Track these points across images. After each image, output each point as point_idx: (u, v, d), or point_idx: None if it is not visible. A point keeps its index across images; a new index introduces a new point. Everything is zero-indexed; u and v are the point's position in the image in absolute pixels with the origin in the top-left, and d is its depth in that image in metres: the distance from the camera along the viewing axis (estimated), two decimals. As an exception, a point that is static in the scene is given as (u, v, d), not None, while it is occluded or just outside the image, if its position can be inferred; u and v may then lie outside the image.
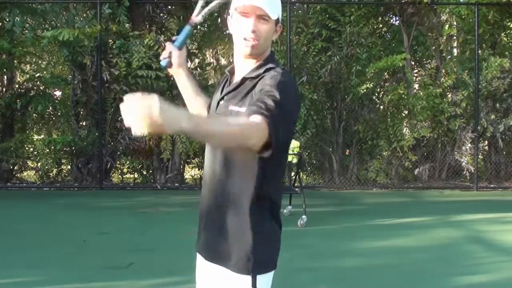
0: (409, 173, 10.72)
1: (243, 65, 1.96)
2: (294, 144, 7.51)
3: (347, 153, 11.09)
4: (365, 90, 11.35)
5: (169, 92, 10.10)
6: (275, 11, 1.89)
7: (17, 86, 11.46)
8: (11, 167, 10.90)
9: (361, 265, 5.20)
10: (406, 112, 11.11)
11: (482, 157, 11.27)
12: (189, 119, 1.45)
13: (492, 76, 10.30)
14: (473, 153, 10.66)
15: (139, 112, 1.33)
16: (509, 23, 11.59)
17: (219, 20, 11.28)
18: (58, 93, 11.50)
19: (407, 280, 4.79)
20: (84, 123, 11.03)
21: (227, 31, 11.62)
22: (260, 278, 1.87)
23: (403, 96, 10.70)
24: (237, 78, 1.97)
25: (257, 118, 1.63)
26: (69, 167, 11.11)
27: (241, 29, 1.89)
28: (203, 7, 2.13)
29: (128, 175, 11.26)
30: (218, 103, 1.96)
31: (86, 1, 10.79)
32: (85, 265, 5.09)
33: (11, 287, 4.53)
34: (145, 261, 5.19)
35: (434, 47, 11.22)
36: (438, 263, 5.26)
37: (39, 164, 10.98)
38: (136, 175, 11.11)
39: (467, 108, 10.61)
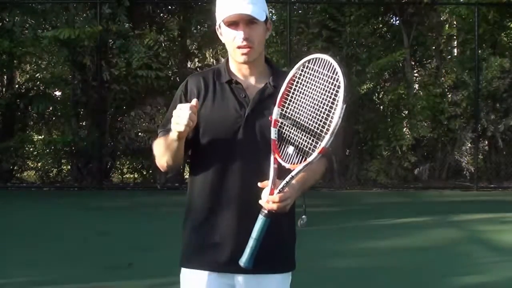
0: (409, 173, 10.71)
1: (249, 70, 1.95)
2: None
3: (347, 153, 11.09)
4: (365, 90, 11.35)
5: (169, 92, 10.10)
6: (262, 12, 1.87)
7: (17, 86, 11.46)
8: (11, 167, 10.89)
9: (361, 265, 5.20)
10: (406, 112, 11.10)
11: (482, 157, 11.25)
12: (300, 189, 1.84)
13: (492, 76, 10.29)
14: (473, 153, 10.66)
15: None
16: (509, 23, 11.59)
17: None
18: (58, 93, 11.49)
19: (407, 280, 4.79)
20: (84, 123, 11.02)
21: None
22: None
23: (403, 96, 10.69)
24: (251, 85, 1.95)
25: (323, 162, 1.93)
26: (69, 167, 11.09)
27: (232, 39, 1.88)
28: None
29: (128, 175, 11.25)
30: (247, 115, 1.89)
31: (86, 1, 10.79)
32: (85, 265, 5.09)
33: (11, 287, 4.53)
34: (145, 261, 5.19)
35: (434, 47, 11.21)
36: (438, 263, 5.26)
37: (39, 164, 10.98)
38: (136, 175, 11.10)
39: (467, 108, 10.60)
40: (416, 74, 11.61)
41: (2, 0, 10.53)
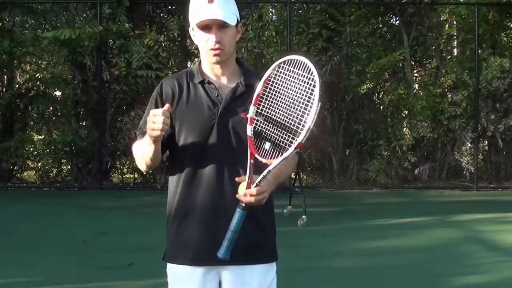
0: (409, 173, 10.71)
1: (221, 70, 2.04)
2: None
3: (347, 153, 11.09)
4: (365, 90, 11.34)
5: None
6: (233, 17, 1.97)
7: (17, 86, 11.46)
8: (11, 167, 10.89)
9: (361, 265, 5.20)
10: (406, 112, 11.11)
11: (482, 157, 11.26)
12: (275, 183, 1.94)
13: (492, 76, 10.29)
14: (473, 153, 10.66)
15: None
16: (509, 23, 11.59)
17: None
18: (58, 93, 11.49)
19: (407, 280, 4.79)
20: (84, 123, 11.02)
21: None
22: None
23: (403, 96, 10.69)
24: (223, 85, 2.03)
25: (294, 158, 2.04)
26: (69, 167, 11.10)
27: (205, 42, 1.97)
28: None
29: (128, 175, 11.25)
30: (220, 113, 1.97)
31: (86, 1, 10.79)
32: (85, 265, 5.09)
33: (11, 287, 4.53)
34: (145, 261, 5.18)
35: (434, 47, 11.21)
36: (438, 263, 5.26)
37: (39, 164, 10.98)
38: (136, 175, 11.11)
39: (467, 108, 10.60)
40: (416, 74, 11.61)
41: (2, 0, 10.53)
